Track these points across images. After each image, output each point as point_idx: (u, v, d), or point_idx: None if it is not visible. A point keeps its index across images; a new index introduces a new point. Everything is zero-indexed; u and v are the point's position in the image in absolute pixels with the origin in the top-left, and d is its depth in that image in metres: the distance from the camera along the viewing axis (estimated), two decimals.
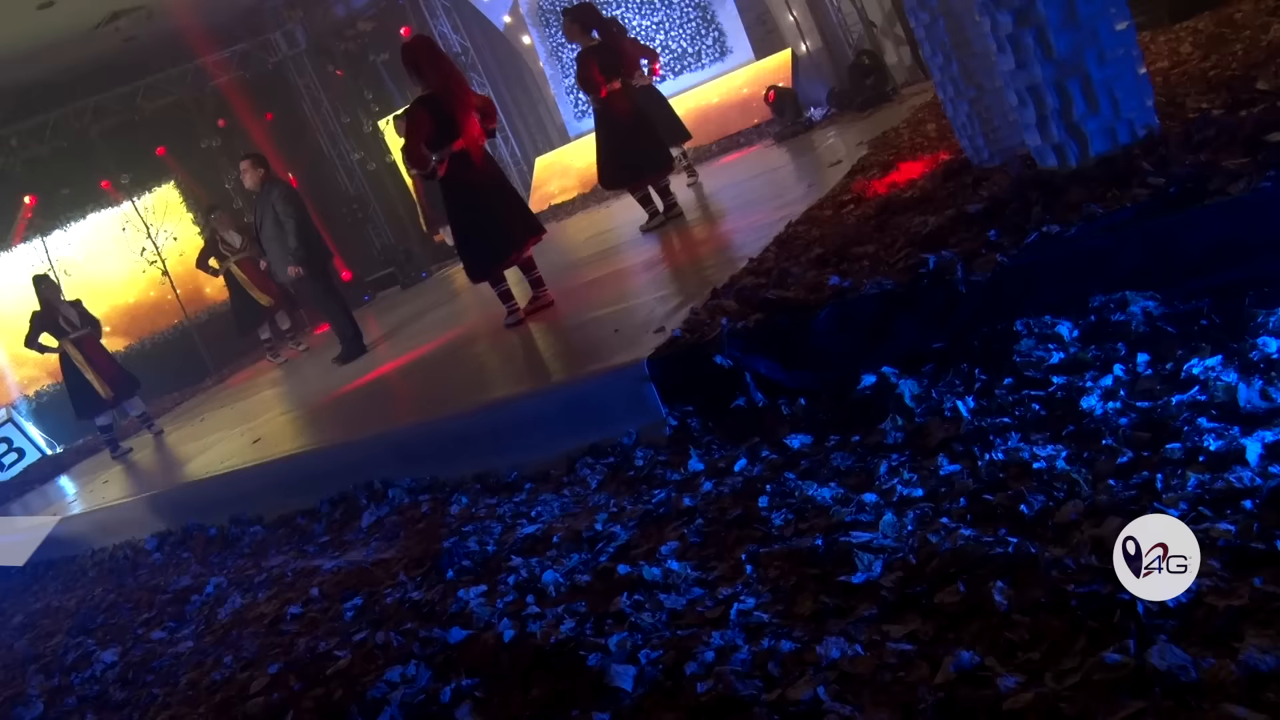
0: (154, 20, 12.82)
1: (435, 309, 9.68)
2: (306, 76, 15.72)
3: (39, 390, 13.41)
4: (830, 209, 5.45)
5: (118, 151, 13.87)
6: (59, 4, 10.96)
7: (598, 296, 6.27)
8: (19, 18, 10.87)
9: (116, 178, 13.70)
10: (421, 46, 6.29)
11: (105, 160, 13.75)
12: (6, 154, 13.07)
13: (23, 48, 11.75)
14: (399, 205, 15.50)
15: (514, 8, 14.05)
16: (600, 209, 11.98)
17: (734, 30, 12.36)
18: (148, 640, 4.64)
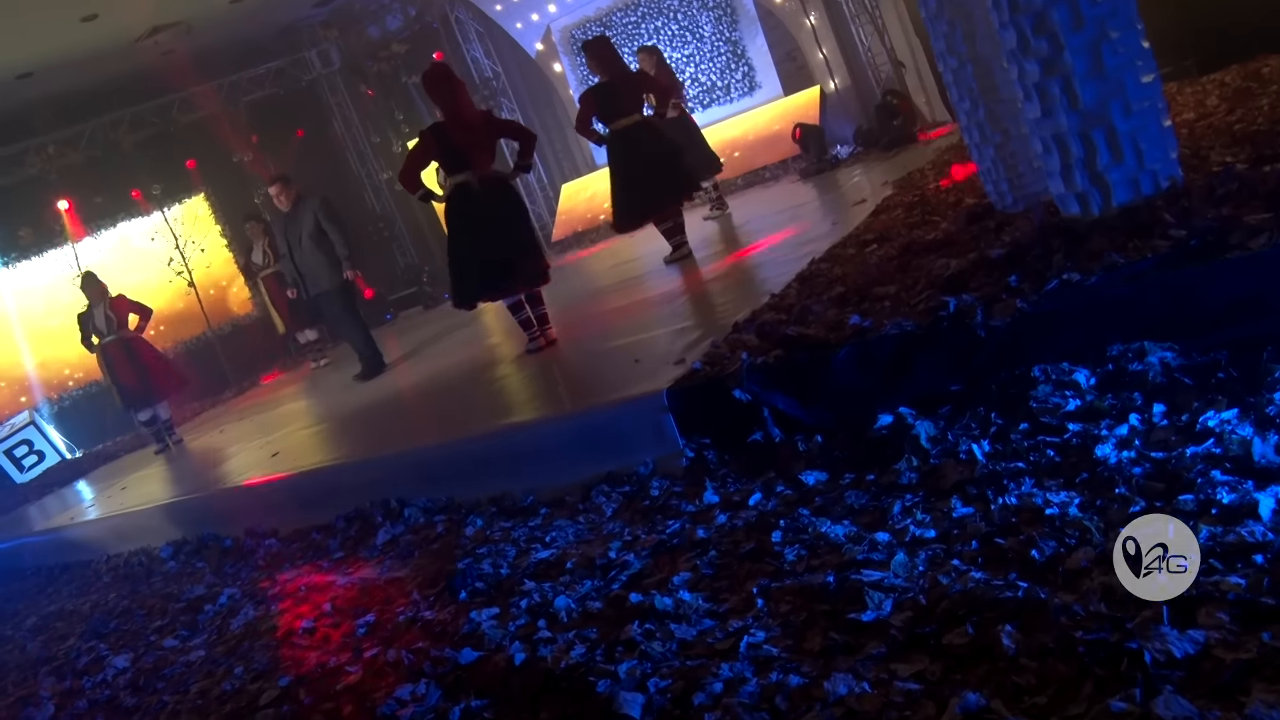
0: (193, 35, 13.04)
1: (456, 330, 9.74)
2: (339, 95, 15.92)
3: (61, 394, 13.57)
4: (853, 248, 5.49)
5: (150, 162, 14.07)
6: (102, 17, 11.17)
7: (619, 326, 6.33)
8: (64, 30, 11.08)
9: (148, 188, 13.89)
10: (434, 75, 6.39)
11: (138, 170, 13.95)
12: (44, 161, 13.31)
13: (65, 58, 11.96)
14: (424, 226, 15.65)
15: (546, 35, 14.21)
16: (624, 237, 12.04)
17: (763, 66, 12.46)
18: (160, 647, 4.68)
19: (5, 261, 13.43)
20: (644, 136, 7.79)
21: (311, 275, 8.42)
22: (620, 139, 7.78)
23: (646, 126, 7.87)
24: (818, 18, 11.76)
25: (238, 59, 14.84)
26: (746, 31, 12.43)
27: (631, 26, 13.11)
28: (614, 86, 7.77)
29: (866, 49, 11.60)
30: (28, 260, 13.54)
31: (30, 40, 11.08)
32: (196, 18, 12.59)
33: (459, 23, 14.63)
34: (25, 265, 13.54)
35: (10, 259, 13.45)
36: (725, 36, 12.58)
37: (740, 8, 12.40)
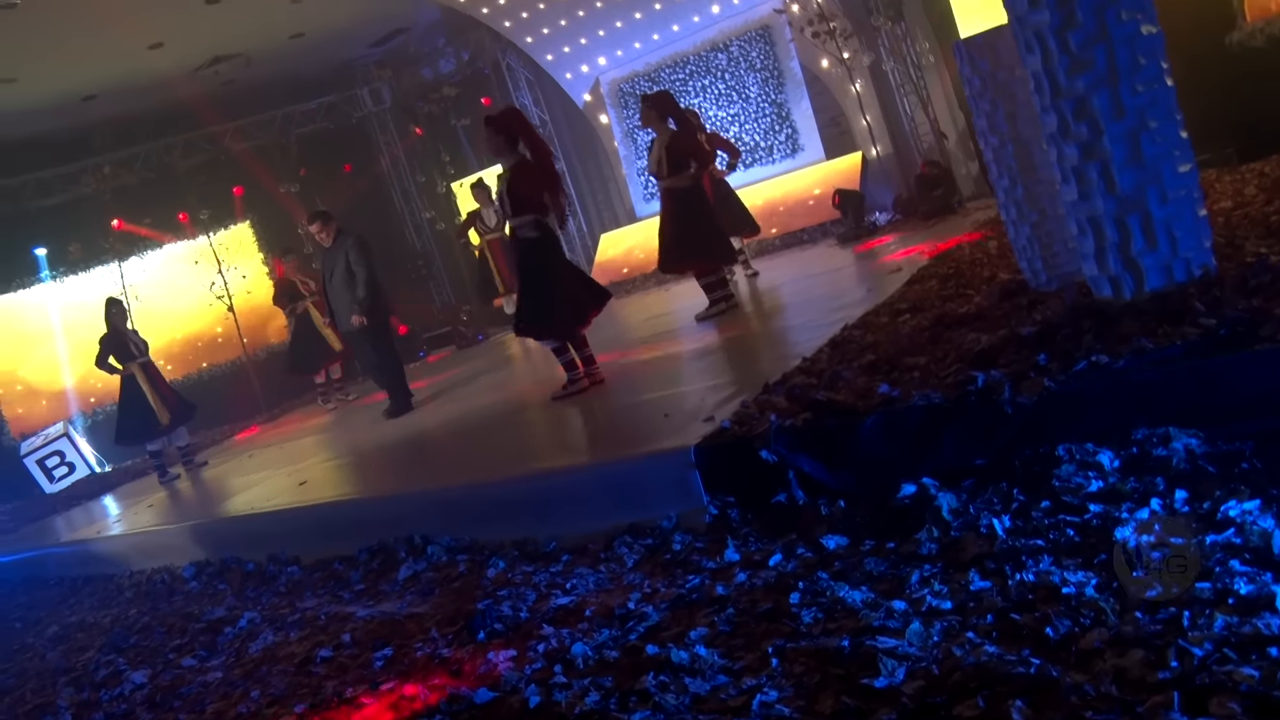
0: (252, 67, 13.39)
1: (488, 373, 9.86)
2: (388, 133, 16.24)
3: (96, 408, 13.79)
4: (886, 316, 5.55)
5: (200, 188, 14.44)
6: (168, 46, 11.52)
7: (650, 378, 6.41)
8: (130, 56, 11.45)
9: (196, 212, 14.19)
10: (521, 116, 6.61)
11: (187, 195, 14.30)
12: (99, 181, 13.67)
13: (129, 83, 12.33)
14: (462, 267, 15.84)
15: (594, 87, 14.45)
16: (659, 291, 12.17)
17: (807, 129, 12.62)
18: (178, 666, 4.74)
19: (54, 275, 13.75)
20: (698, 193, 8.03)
21: (340, 313, 8.55)
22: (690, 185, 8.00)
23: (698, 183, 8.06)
24: (863, 86, 11.93)
25: (292, 92, 15.20)
26: (792, 95, 12.62)
27: (679, 83, 13.32)
28: (680, 138, 7.97)
29: (910, 118, 11.73)
30: (75, 275, 13.86)
31: (98, 65, 11.45)
32: (257, 50, 12.94)
33: (510, 70, 14.91)
34: (72, 280, 13.86)
35: (59, 273, 13.79)
36: (771, 99, 12.76)
37: (787, 72, 12.59)
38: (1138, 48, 3.77)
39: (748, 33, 12.76)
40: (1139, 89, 3.79)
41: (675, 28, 13.30)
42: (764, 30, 12.63)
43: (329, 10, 12.57)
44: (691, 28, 13.21)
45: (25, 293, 13.74)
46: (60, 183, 13.69)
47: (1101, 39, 3.77)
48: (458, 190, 15.72)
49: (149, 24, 10.83)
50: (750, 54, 12.78)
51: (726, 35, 12.94)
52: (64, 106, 12.41)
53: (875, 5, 11.28)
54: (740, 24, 12.80)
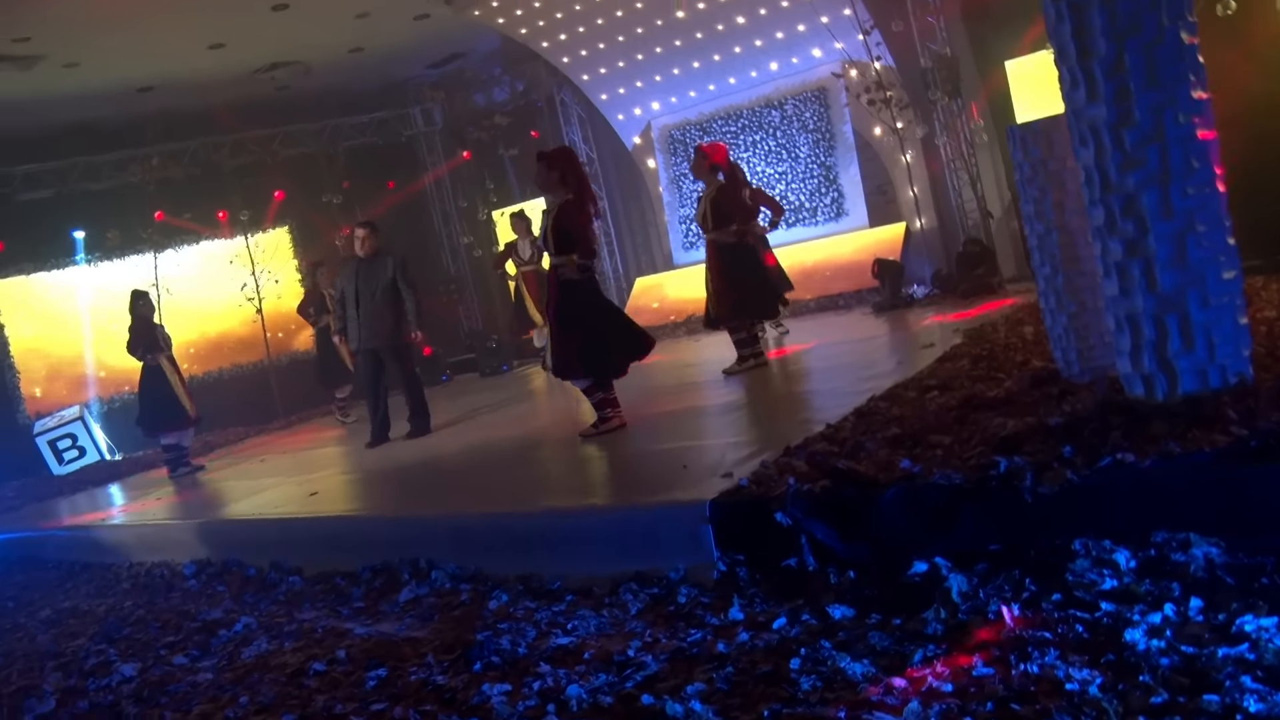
0: (309, 76, 13.65)
1: (510, 404, 9.93)
2: (435, 154, 16.48)
3: (114, 395, 13.94)
4: (915, 391, 5.58)
5: (243, 189, 14.66)
6: (229, 47, 11.78)
7: (672, 428, 6.47)
8: (191, 54, 11.71)
9: (236, 212, 14.41)
10: (573, 156, 6.74)
11: (230, 194, 14.51)
12: (145, 171, 13.91)
13: (186, 80, 12.60)
14: (495, 295, 15.98)
15: (645, 131, 14.63)
16: (688, 341, 12.24)
17: (853, 194, 12.71)
18: (169, 663, 4.76)
19: (89, 259, 13.97)
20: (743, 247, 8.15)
21: (375, 328, 8.61)
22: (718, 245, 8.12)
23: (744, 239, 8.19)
24: (914, 157, 12.03)
25: (345, 104, 15.47)
26: (842, 159, 12.73)
27: (731, 136, 13.47)
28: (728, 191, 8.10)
29: (957, 194, 11.80)
30: (109, 261, 14.08)
31: (158, 59, 11.72)
32: (316, 61, 13.21)
33: (563, 105, 15.13)
34: (106, 266, 14.08)
35: (94, 258, 14.01)
36: (820, 160, 12.88)
37: (839, 135, 12.72)
38: (1191, 150, 3.82)
39: (803, 93, 12.93)
40: (1189, 191, 3.83)
41: (732, 80, 13.49)
42: (820, 92, 12.79)
43: (391, 29, 12.82)
44: (748, 82, 13.39)
45: (59, 273, 13.96)
46: (107, 169, 13.95)
47: (1156, 139, 3.82)
48: (498, 219, 15.89)
49: (214, 24, 11.09)
50: (804, 114, 12.94)
51: (782, 93, 13.11)
52: (120, 95, 12.68)
53: (933, 79, 11.41)
54: (797, 84, 12.98)
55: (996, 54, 11.20)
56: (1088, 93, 3.94)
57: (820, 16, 11.75)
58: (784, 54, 12.90)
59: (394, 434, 8.75)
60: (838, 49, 11.94)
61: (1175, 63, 3.80)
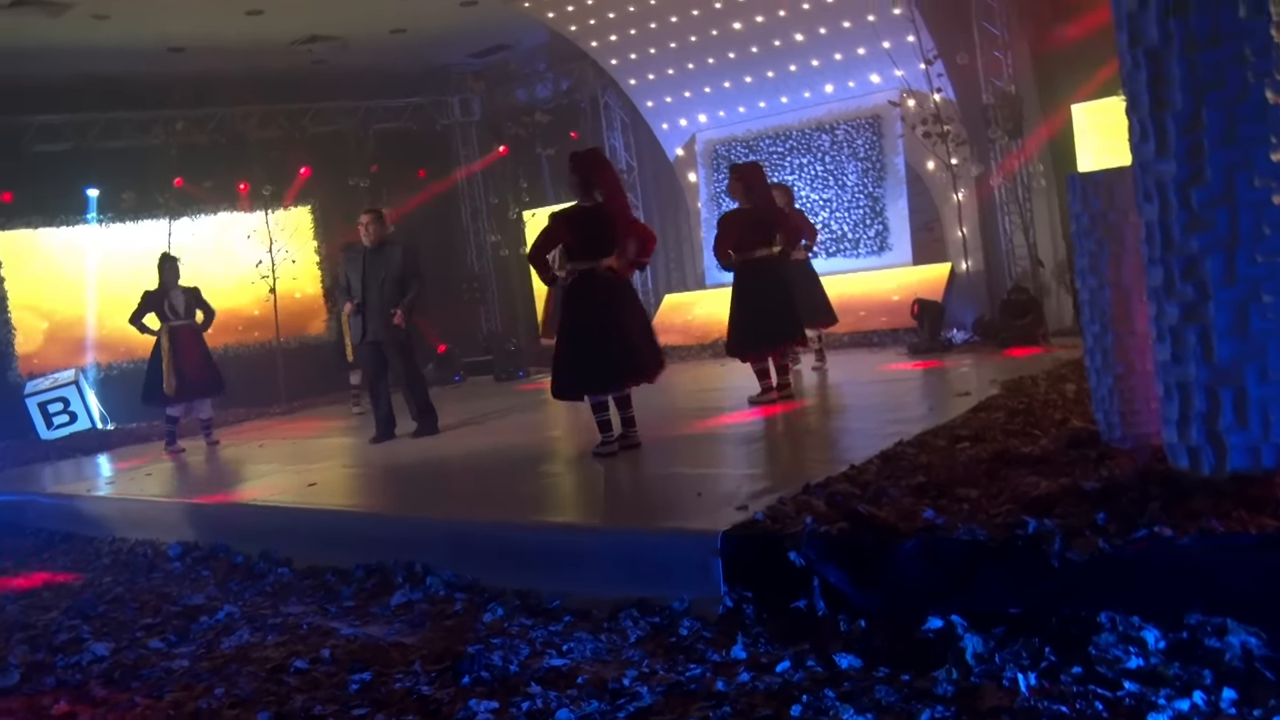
0: (347, 52, 13.78)
1: (523, 411, 9.97)
2: (469, 147, 16.60)
3: (113, 363, 14.06)
4: (945, 440, 5.57)
5: (268, 162, 14.79)
6: (267, 14, 11.90)
7: (688, 453, 6.50)
8: (227, 17, 11.84)
9: (259, 186, 14.53)
10: (599, 158, 6.77)
11: (253, 166, 14.64)
12: (168, 134, 14.07)
13: (220, 44, 12.74)
14: (517, 298, 16.05)
15: (689, 143, 14.69)
16: (715, 364, 12.25)
17: (899, 229, 12.71)
18: (144, 646, 4.76)
19: (101, 219, 14.10)
20: (770, 273, 8.13)
21: (380, 321, 8.64)
22: (747, 269, 8.11)
23: (774, 262, 8.15)
24: (966, 196, 12.02)
25: (381, 85, 15.61)
26: (890, 191, 12.75)
27: (777, 157, 13.52)
28: (755, 215, 8.10)
29: (1008, 239, 11.80)
30: (122, 224, 14.21)
31: (193, 19, 11.84)
32: (356, 37, 13.34)
33: (606, 108, 15.23)
34: (118, 228, 14.20)
35: (107, 218, 14.14)
36: (868, 191, 12.90)
37: (889, 167, 12.74)
38: (1264, 216, 3.77)
39: (857, 119, 12.97)
40: (1258, 259, 3.78)
41: (784, 99, 13.55)
42: (874, 120, 12.82)
43: (437, 12, 12.94)
44: (800, 102, 13.45)
45: (68, 230, 14.07)
46: (129, 128, 14.09)
47: (1227, 201, 3.79)
48: (528, 219, 15.98)
49: None
50: (855, 141, 12.97)
51: (834, 117, 13.16)
52: (150, 54, 12.82)
53: (994, 117, 11.42)
54: (851, 109, 13.02)
55: (1063, 95, 11.22)
56: (1158, 146, 3.92)
57: (882, 41, 11.80)
58: (841, 77, 12.96)
59: (400, 431, 8.78)
60: (897, 76, 11.99)
61: (1256, 122, 3.75)
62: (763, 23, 12.76)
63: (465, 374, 14.73)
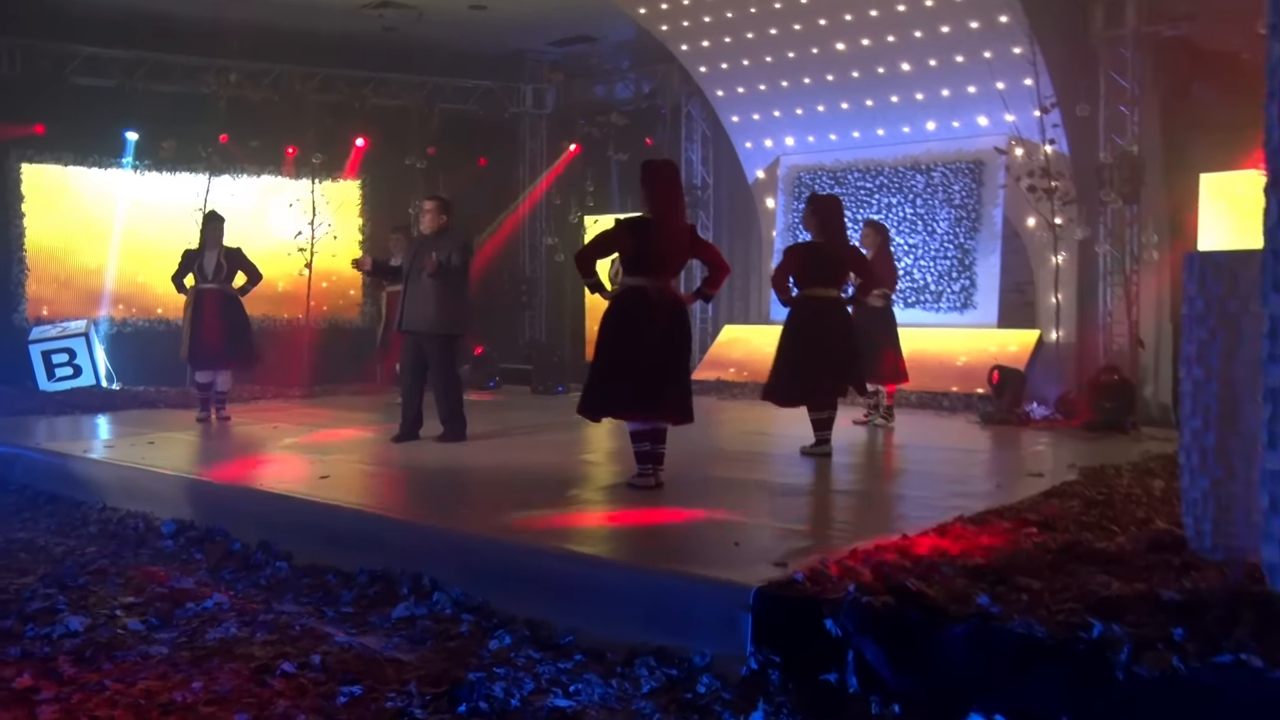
0: (420, 23, 13.94)
1: (557, 430, 10.00)
2: (537, 141, 16.75)
3: (126, 319, 14.24)
4: (1010, 522, 5.52)
5: (323, 130, 14.94)
6: None
7: (729, 497, 6.49)
8: None
9: (309, 153, 14.71)
10: (664, 170, 6.79)
11: (306, 131, 14.81)
12: (222, 85, 14.25)
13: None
14: (568, 308, 16.11)
15: (772, 166, 14.71)
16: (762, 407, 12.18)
17: (987, 287, 12.62)
18: (122, 627, 4.80)
19: (136, 165, 14.30)
20: (834, 315, 8.10)
21: (418, 310, 8.73)
22: (807, 308, 8.08)
23: (839, 305, 8.15)
24: (1067, 260, 11.91)
25: (451, 63, 15.77)
26: (983, 245, 12.67)
27: (864, 193, 13.51)
28: (825, 252, 8.10)
29: (1107, 312, 11.66)
30: (157, 173, 14.41)
31: None
32: (432, 8, 13.50)
33: (688, 117, 15.31)
34: (153, 177, 14.41)
35: (143, 165, 14.33)
36: (958, 242, 12.83)
37: (986, 218, 12.66)
38: None
39: (957, 162, 12.93)
40: None
41: (880, 132, 13.55)
42: (975, 165, 12.77)
43: None
44: (897, 137, 13.45)
45: (100, 173, 14.25)
46: (179, 73, 14.26)
47: None
48: (590, 225, 16.07)
49: None
50: (952, 186, 12.93)
51: (933, 158, 13.14)
52: None
53: (1111, 178, 11.28)
54: (951, 150, 13.00)
55: (1191, 162, 11.06)
56: None
57: (996, 82, 11.77)
58: (945, 114, 12.95)
59: (425, 433, 8.84)
60: (1007, 121, 11.94)
61: None
62: (868, 46, 12.77)
63: (501, 380, 14.82)
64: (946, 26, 12.10)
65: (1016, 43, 11.56)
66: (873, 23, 12.51)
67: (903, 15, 12.20)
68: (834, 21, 12.72)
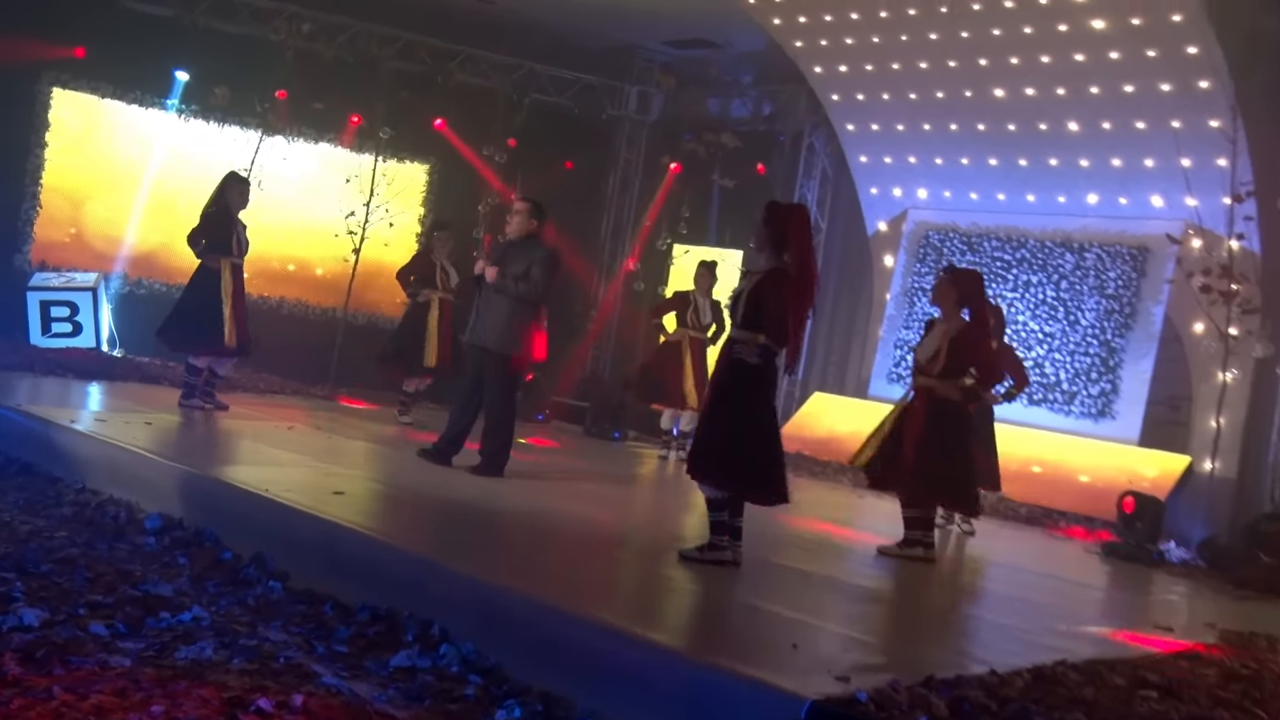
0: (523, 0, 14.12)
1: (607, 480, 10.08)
2: (634, 151, 16.86)
3: (141, 279, 14.37)
4: (1124, 678, 5.39)
5: (396, 103, 15.11)
6: None
7: (792, 591, 6.51)
8: None
9: (376, 124, 14.93)
10: (805, 218, 6.87)
11: (377, 101, 15.02)
12: (290, 33, 14.36)
13: None
14: (639, 345, 16.08)
15: (897, 219, 14.67)
16: (848, 490, 12.23)
17: (1132, 396, 12.41)
18: (83, 628, 4.81)
19: (181, 109, 14.49)
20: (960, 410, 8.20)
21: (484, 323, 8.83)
22: (931, 397, 8.18)
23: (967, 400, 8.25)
24: (1237, 379, 11.60)
25: (551, 49, 15.93)
26: (1135, 346, 12.46)
27: (1000, 266, 13.43)
28: (968, 337, 8.15)
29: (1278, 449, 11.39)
30: (204, 122, 14.63)
31: None
32: None
33: (809, 150, 15.35)
34: (199, 126, 14.63)
35: (189, 110, 14.52)
36: (1105, 338, 12.65)
37: (1143, 315, 12.46)
38: None
39: (1117, 245, 12.79)
40: None
41: (1030, 197, 13.47)
42: (1139, 252, 12.61)
43: None
44: (1050, 207, 13.37)
45: (139, 111, 14.43)
46: (245, 13, 14.45)
47: None
48: (678, 256, 16.09)
49: None
50: (1107, 272, 12.78)
51: (1089, 236, 13.03)
52: None
53: None
54: (1113, 231, 12.87)
55: None
56: None
57: (1182, 157, 11.63)
58: (1112, 187, 12.82)
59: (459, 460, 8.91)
60: (1187, 205, 11.78)
61: None
62: (1032, 97, 12.70)
63: (550, 415, 14.89)
64: (1131, 86, 11.95)
65: (1216, 114, 11.37)
66: (1042, 70, 12.42)
67: (1079, 66, 12.09)
68: (997, 64, 12.67)
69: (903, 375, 13.77)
